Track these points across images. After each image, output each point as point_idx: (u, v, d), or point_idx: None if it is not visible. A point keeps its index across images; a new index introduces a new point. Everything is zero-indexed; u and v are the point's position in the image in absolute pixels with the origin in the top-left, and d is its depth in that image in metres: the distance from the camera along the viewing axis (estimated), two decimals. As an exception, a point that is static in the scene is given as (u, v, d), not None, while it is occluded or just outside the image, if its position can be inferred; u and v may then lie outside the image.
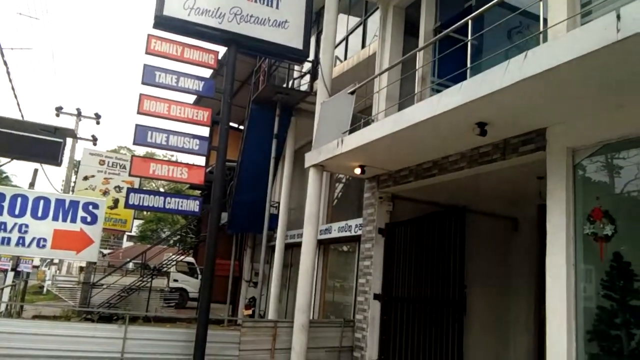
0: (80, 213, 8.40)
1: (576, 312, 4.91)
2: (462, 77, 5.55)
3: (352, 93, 7.40)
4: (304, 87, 12.93)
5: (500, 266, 9.10)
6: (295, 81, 13.87)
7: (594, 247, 5.00)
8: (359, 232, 8.99)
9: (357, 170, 7.86)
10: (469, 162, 6.45)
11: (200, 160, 16.62)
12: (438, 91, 6.17)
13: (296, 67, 13.94)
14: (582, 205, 5.04)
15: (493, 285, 8.96)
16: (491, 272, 8.97)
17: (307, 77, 12.92)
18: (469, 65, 5.62)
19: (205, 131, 8.48)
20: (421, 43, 8.03)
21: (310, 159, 8.10)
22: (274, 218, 13.12)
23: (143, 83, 7.59)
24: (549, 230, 5.16)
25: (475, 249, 8.79)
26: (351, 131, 7.23)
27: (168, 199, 7.90)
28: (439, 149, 6.63)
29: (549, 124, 5.25)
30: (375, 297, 8.08)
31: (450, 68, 6.37)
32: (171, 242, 24.59)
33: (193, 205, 7.89)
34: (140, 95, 7.53)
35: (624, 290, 5.04)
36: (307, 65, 13.64)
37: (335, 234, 11.27)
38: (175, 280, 20.93)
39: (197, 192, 21.85)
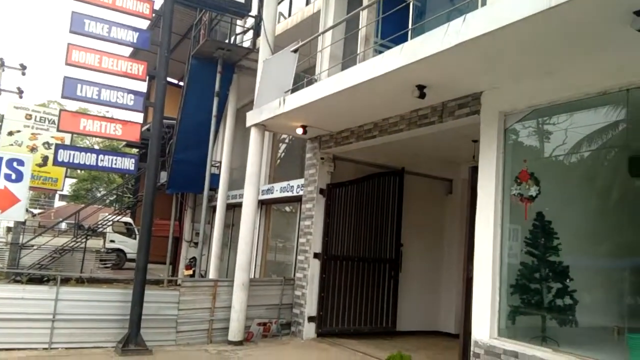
0: (4, 170, 7.89)
1: (501, 267, 5.22)
2: (405, 39, 5.57)
3: (295, 51, 7.26)
4: (247, 44, 12.54)
5: (435, 226, 9.49)
6: (238, 37, 13.41)
7: (520, 207, 5.29)
8: (301, 193, 9.03)
9: (299, 131, 7.82)
10: (409, 124, 6.57)
11: (137, 117, 15.90)
12: (381, 52, 6.17)
13: (239, 22, 13.46)
14: (510, 167, 5.29)
15: (428, 244, 9.36)
16: (427, 232, 9.35)
17: (250, 34, 12.52)
18: (410, 26, 5.63)
19: (141, 86, 8.12)
20: (365, 2, 7.94)
21: (252, 118, 7.96)
22: (215, 178, 12.91)
23: (71, 32, 7.06)
24: (479, 191, 5.40)
25: (413, 210, 9.11)
26: (293, 90, 7.14)
27: (101, 156, 7.54)
28: (379, 110, 6.69)
29: (484, 88, 5.41)
30: (315, 256, 8.23)
31: (394, 29, 6.36)
32: (107, 201, 23.75)
33: (128, 164, 7.59)
34: (69, 45, 7.03)
35: (545, 247, 5.41)
36: (250, 21, 13.20)
37: (277, 194, 11.27)
38: (112, 241, 20.37)
39: (135, 151, 21.06)
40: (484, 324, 5.13)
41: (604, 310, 6.00)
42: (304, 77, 7.71)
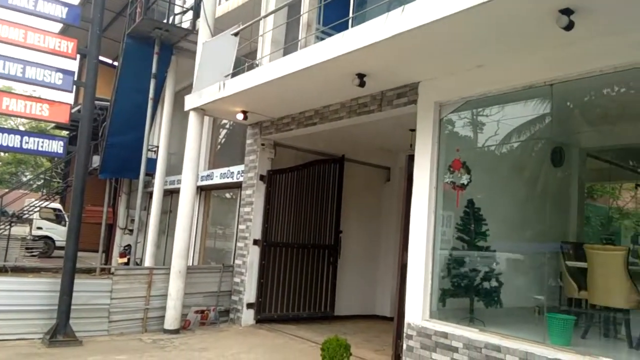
0: None
1: (434, 253, 5.43)
2: (346, 27, 5.59)
3: (235, 35, 7.11)
4: (186, 25, 12.13)
5: (374, 212, 9.71)
6: (177, 17, 12.93)
7: (452, 195, 5.51)
8: (241, 179, 8.94)
9: (240, 116, 7.71)
10: (349, 112, 6.64)
11: (67, 98, 15.03)
12: (323, 39, 6.18)
13: (177, 2, 12.98)
14: (444, 156, 5.49)
15: (367, 230, 9.57)
16: (366, 218, 9.55)
17: (190, 14, 12.10)
18: (351, 14, 5.67)
19: (71, 65, 7.66)
20: (308, -12, 7.89)
21: (191, 101, 7.76)
22: (152, 163, 12.48)
23: (-8, 3, 6.56)
24: (415, 179, 5.57)
25: (352, 197, 9.27)
26: (234, 75, 7.01)
27: (26, 138, 7.10)
28: (321, 97, 6.71)
29: (421, 79, 5.56)
30: (255, 242, 8.20)
31: (336, 16, 6.37)
32: (34, 186, 22.38)
33: (56, 146, 7.19)
34: (-11, 17, 6.52)
35: (474, 233, 5.68)
36: (190, 1, 12.78)
37: (217, 180, 11.08)
38: (40, 228, 19.25)
39: (65, 133, 19.95)
40: (417, 307, 5.33)
41: (527, 292, 6.42)
42: (245, 61, 7.58)
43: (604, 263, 5.05)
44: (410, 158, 5.78)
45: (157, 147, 13.00)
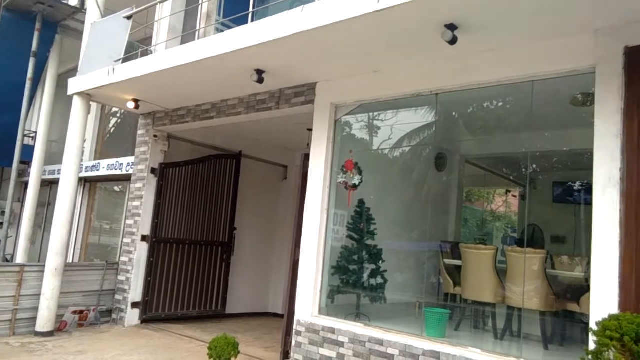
0: None
1: (325, 250, 5.55)
2: (246, 21, 5.53)
3: (128, 18, 6.71)
4: (74, 2, 11.18)
5: (270, 210, 9.70)
6: (64, -7, 11.88)
7: (344, 194, 5.68)
8: (131, 171, 8.45)
9: (131, 105, 7.28)
10: (247, 108, 6.56)
11: None
12: (222, 31, 6.05)
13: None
14: (338, 156, 5.64)
15: (262, 228, 9.53)
16: (261, 216, 9.51)
17: (80, -9, 11.20)
18: (252, 9, 5.61)
19: None
20: (209, -22, 7.68)
21: (75, 85, 7.17)
22: (28, 150, 11.36)
23: None
24: (309, 178, 5.66)
25: (249, 194, 9.19)
26: (125, 60, 6.60)
27: None
28: (218, 91, 6.56)
29: (318, 79, 5.65)
30: (143, 238, 7.79)
31: (236, 9, 6.27)
32: None
33: None
34: None
35: (363, 232, 5.91)
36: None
37: (104, 171, 10.36)
38: None
39: None
40: (307, 304, 5.42)
41: (409, 288, 6.82)
42: (139, 47, 7.16)
43: (476, 261, 5.52)
44: (306, 157, 5.86)
45: (36, 133, 11.86)
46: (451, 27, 3.89)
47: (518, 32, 4.00)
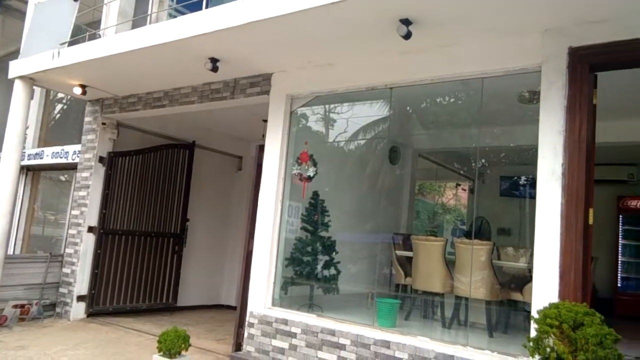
0: None
1: (279, 242, 5.54)
2: (200, 7, 5.39)
3: (75, -1, 6.41)
4: (16, -20, 10.60)
5: (224, 201, 9.57)
6: (6, -30, 11.22)
7: (299, 186, 5.68)
8: (78, 160, 8.10)
9: (77, 90, 6.97)
10: (201, 97, 6.42)
11: None
12: (175, 17, 5.87)
13: (7, -47, 11.26)
14: (293, 148, 5.62)
15: (216, 219, 9.40)
16: (215, 207, 9.37)
17: (23, -31, 10.60)
18: (207, -5, 5.48)
19: None
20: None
21: (17, 68, 6.78)
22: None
23: None
24: (264, 169, 5.61)
25: (202, 185, 9.03)
26: (72, 43, 6.32)
27: None
28: (170, 78, 6.38)
29: (274, 70, 5.60)
30: (90, 229, 7.52)
31: (191, -5, 6.12)
32: None
33: None
34: None
35: (317, 223, 5.94)
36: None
37: (48, 159, 9.89)
38: None
39: None
40: (260, 295, 5.40)
41: (362, 279, 6.92)
42: (86, 30, 6.86)
43: (426, 252, 5.66)
44: (261, 148, 5.81)
45: (-27, 117, 11.17)
46: (406, 22, 3.94)
47: (470, 29, 4.10)
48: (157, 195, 8.28)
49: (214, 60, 5.32)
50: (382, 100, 5.73)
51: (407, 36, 3.99)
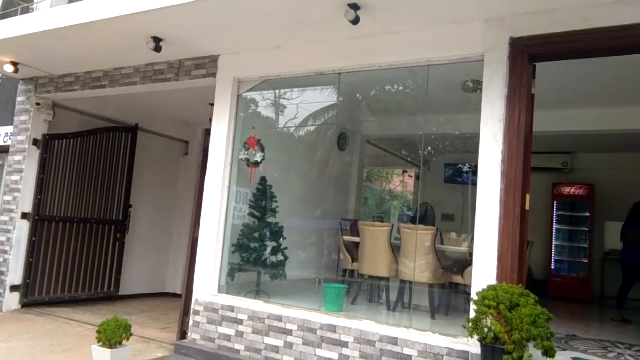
0: None
1: (225, 228, 5.44)
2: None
3: (5, -31, 5.96)
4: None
5: (170, 187, 9.31)
6: None
7: (246, 172, 5.60)
8: (10, 143, 7.62)
9: (9, 68, 6.52)
10: (143, 78, 6.17)
11: None
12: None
13: None
14: (241, 132, 5.52)
15: (161, 206, 9.13)
16: (160, 193, 9.10)
17: None
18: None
19: None
20: None
21: (-62, 42, 6.26)
22: None
23: None
24: (210, 154, 5.48)
25: (146, 170, 8.73)
26: (2, 17, 5.90)
27: None
28: (111, 58, 6.09)
29: (221, 52, 5.45)
30: (24, 216, 7.11)
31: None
32: None
33: None
34: None
35: (265, 210, 5.88)
36: None
37: (-23, 142, 9.26)
38: None
39: None
40: (206, 282, 5.31)
41: (310, 265, 6.95)
42: (18, 4, 6.43)
43: (373, 238, 5.74)
44: (207, 132, 5.66)
45: None
46: (354, 6, 3.93)
47: (417, 16, 4.14)
48: (97, 181, 7.93)
49: (157, 40, 5.11)
50: (332, 86, 5.71)
51: (356, 21, 3.98)
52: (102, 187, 8.00)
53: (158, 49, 5.14)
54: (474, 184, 4.08)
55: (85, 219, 7.75)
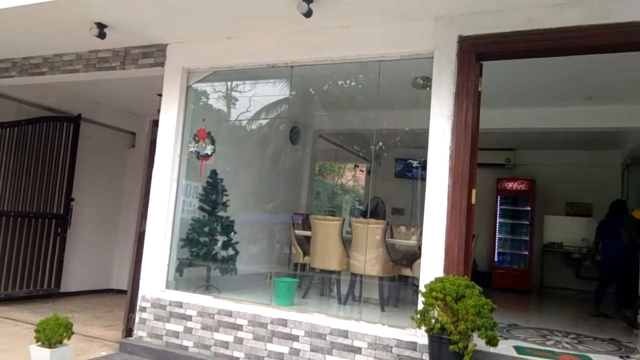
0: None
1: (173, 222, 5.31)
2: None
3: None
4: None
5: (115, 180, 8.98)
6: None
7: (196, 164, 5.47)
8: (-63, 131, 7.10)
9: None
10: (86, 66, 5.89)
11: None
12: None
13: None
14: (190, 124, 5.38)
15: (105, 199, 8.79)
16: (105, 186, 8.76)
17: None
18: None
19: None
20: None
21: None
22: None
23: None
24: (158, 146, 5.32)
25: (90, 162, 8.37)
26: None
27: None
28: (51, 44, 5.77)
29: (170, 41, 5.29)
30: (-46, 210, 6.67)
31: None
32: None
33: None
34: None
35: (215, 203, 5.78)
36: None
37: None
38: None
39: None
40: (153, 278, 5.16)
41: (261, 259, 6.90)
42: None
43: (324, 232, 5.76)
44: (155, 123, 5.49)
45: None
46: (306, -1, 3.90)
47: (370, 12, 4.16)
48: (36, 173, 7.53)
49: (101, 26, 4.89)
50: (284, 79, 5.67)
51: (308, 14, 3.95)
52: (41, 180, 7.60)
53: (102, 35, 4.92)
54: (423, 178, 4.16)
55: (22, 212, 7.35)
